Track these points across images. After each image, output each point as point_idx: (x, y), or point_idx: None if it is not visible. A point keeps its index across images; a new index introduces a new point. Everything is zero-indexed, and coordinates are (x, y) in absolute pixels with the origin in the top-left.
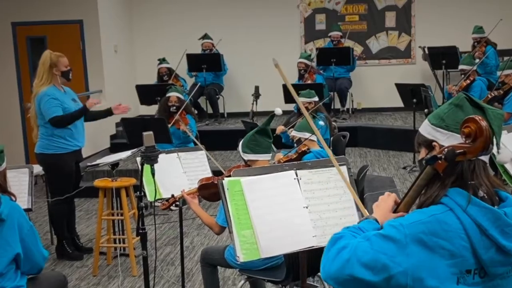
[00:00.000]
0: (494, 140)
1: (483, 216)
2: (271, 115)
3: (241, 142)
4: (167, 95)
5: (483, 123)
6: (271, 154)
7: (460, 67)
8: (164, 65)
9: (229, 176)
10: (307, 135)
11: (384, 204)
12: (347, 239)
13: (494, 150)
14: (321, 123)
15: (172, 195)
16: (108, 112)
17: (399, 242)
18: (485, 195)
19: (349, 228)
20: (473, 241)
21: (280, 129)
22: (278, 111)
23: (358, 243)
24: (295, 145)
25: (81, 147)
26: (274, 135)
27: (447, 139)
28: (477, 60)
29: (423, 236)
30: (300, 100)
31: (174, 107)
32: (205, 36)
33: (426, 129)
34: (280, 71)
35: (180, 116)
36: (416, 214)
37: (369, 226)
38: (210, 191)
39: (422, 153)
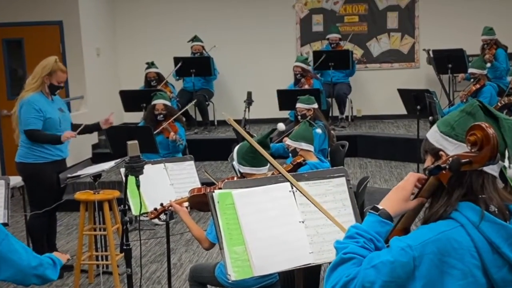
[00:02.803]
0: (507, 152)
1: (496, 233)
2: (272, 129)
3: (235, 151)
4: (153, 103)
5: (490, 130)
6: (268, 166)
7: (470, 70)
8: (153, 69)
9: (221, 188)
10: (303, 145)
11: (399, 189)
12: (356, 264)
13: (506, 163)
14: (318, 131)
15: (161, 204)
16: (95, 127)
17: (408, 266)
18: (496, 210)
19: (359, 239)
20: (484, 260)
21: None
22: (281, 126)
23: (364, 272)
24: (290, 154)
25: (64, 158)
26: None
27: (455, 149)
28: (488, 64)
29: (433, 257)
30: (299, 106)
31: (161, 115)
32: (195, 39)
33: (434, 136)
34: (234, 124)
35: (168, 124)
36: (424, 231)
37: (381, 230)
38: (201, 201)
39: (428, 162)
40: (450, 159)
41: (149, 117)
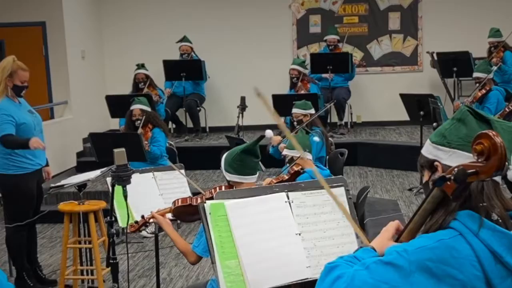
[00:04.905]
0: None
1: (497, 241)
2: (260, 136)
3: (224, 157)
4: (130, 108)
5: (498, 139)
6: (257, 175)
7: (475, 74)
8: (142, 71)
9: (211, 198)
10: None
11: (383, 231)
12: (343, 268)
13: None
14: (316, 138)
15: (142, 216)
16: (26, 144)
17: (403, 270)
18: (499, 218)
19: (344, 257)
20: (486, 270)
21: (276, 140)
22: (269, 133)
23: (355, 271)
24: (287, 164)
25: (42, 166)
26: (272, 146)
27: (449, 157)
28: (494, 67)
29: (430, 264)
30: (295, 111)
31: (139, 121)
32: (184, 39)
33: (427, 148)
34: (265, 101)
35: (143, 130)
36: (422, 239)
37: (365, 254)
38: (185, 212)
39: (426, 176)
40: (455, 169)
41: (127, 123)
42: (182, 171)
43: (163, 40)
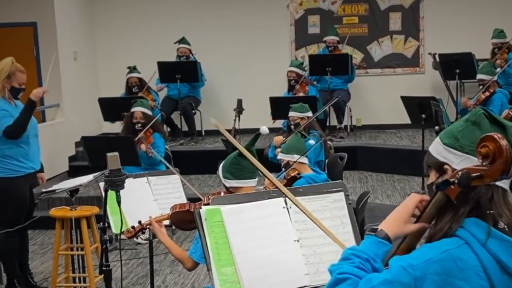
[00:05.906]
0: None
1: (504, 251)
2: (255, 134)
3: (221, 166)
4: (131, 110)
5: (503, 142)
6: (256, 179)
7: (479, 76)
8: (134, 74)
9: (208, 204)
10: (296, 157)
11: (398, 212)
12: (352, 283)
13: None
14: (311, 142)
15: (139, 222)
16: (30, 103)
17: (409, 287)
18: (506, 227)
19: (354, 260)
20: (492, 280)
21: (278, 140)
22: (264, 130)
23: None
24: (283, 169)
25: (36, 170)
26: (274, 147)
27: (462, 162)
28: (498, 69)
29: (436, 278)
30: (292, 115)
31: (139, 124)
32: (182, 40)
33: (437, 149)
34: (223, 130)
35: (144, 134)
36: (426, 250)
37: (379, 251)
38: (183, 219)
39: (432, 177)
40: (459, 173)
41: (126, 126)
42: (176, 173)
43: (157, 42)
